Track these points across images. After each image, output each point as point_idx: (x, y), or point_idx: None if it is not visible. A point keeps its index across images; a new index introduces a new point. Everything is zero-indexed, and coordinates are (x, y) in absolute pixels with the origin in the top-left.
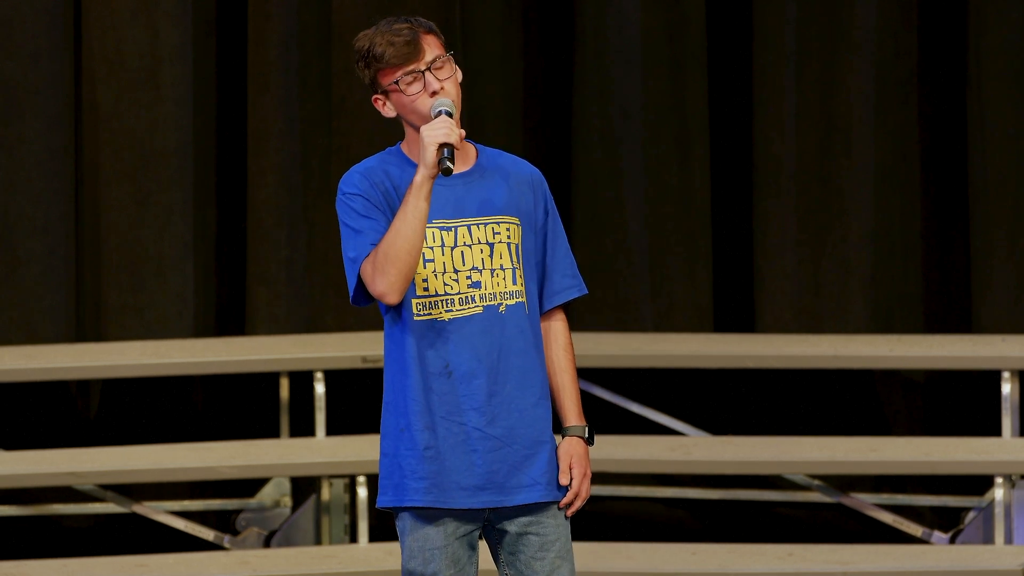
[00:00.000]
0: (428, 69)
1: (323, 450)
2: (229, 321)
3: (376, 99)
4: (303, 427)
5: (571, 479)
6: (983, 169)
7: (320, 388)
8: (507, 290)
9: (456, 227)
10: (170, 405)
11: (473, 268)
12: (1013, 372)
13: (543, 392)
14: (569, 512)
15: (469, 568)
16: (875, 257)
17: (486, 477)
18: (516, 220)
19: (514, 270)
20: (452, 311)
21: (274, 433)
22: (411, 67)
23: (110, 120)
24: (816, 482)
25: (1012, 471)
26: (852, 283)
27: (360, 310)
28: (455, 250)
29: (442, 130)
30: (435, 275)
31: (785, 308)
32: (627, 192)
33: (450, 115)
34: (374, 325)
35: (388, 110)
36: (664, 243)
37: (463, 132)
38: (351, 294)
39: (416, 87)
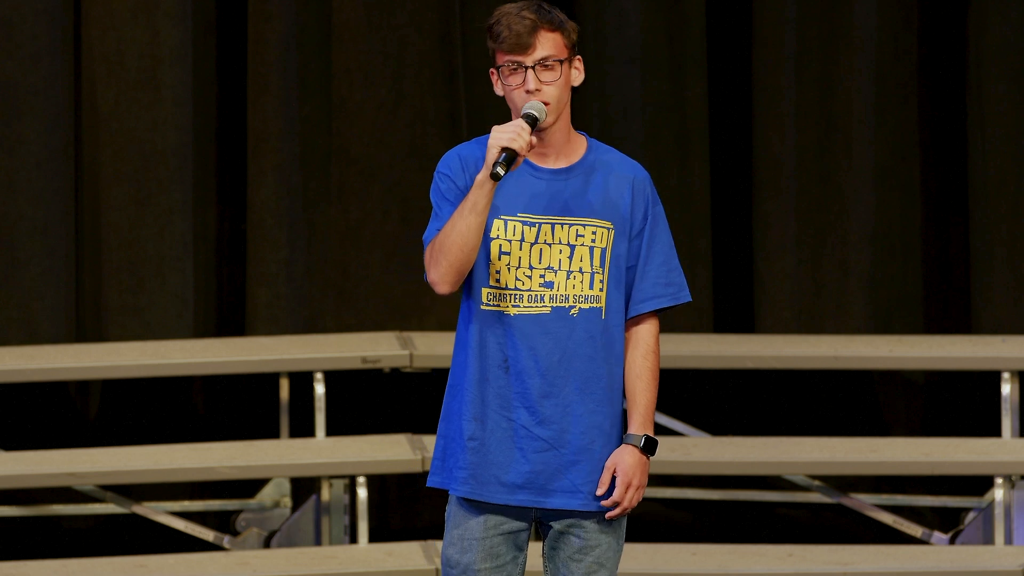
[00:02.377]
0: (532, 67)
1: (323, 451)
2: (229, 321)
3: (492, 72)
4: (303, 427)
5: (613, 487)
6: (983, 169)
7: (320, 388)
8: (582, 294)
9: (540, 223)
10: (170, 405)
11: (548, 268)
12: (1013, 372)
13: (605, 401)
14: (608, 515)
15: (512, 568)
16: (875, 257)
17: (527, 477)
18: (608, 224)
19: (594, 275)
20: (519, 307)
21: (274, 434)
22: (516, 58)
23: (110, 120)
24: (816, 482)
25: (1012, 471)
26: (852, 283)
27: (360, 309)
28: (535, 247)
29: (508, 134)
30: (508, 268)
31: (785, 308)
32: None
33: (536, 121)
34: (374, 325)
35: (498, 88)
36: None
37: (534, 140)
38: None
39: (516, 79)
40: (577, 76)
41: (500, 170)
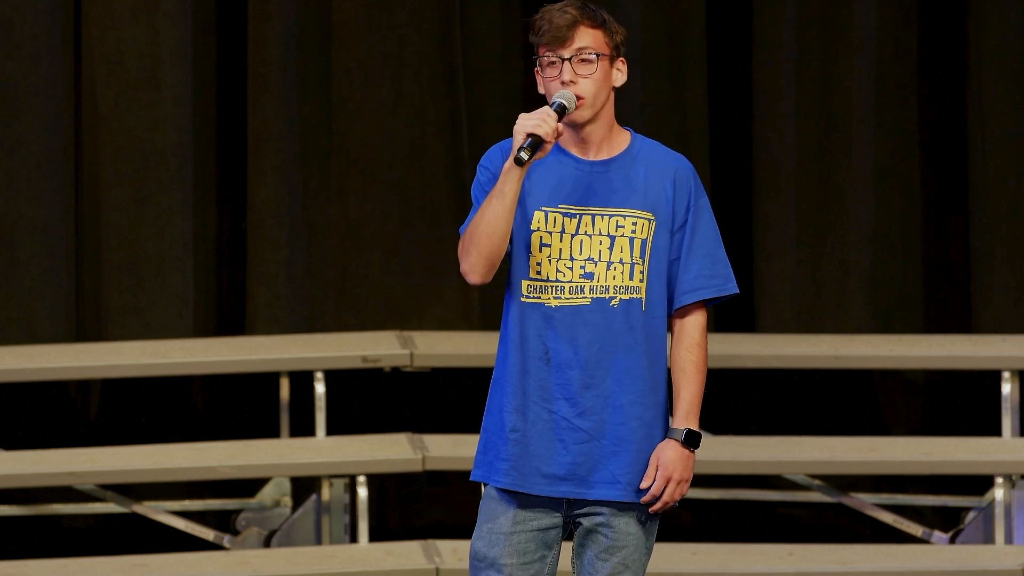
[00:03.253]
0: (569, 59)
1: (323, 450)
2: (229, 321)
3: (536, 71)
4: (303, 427)
5: (654, 481)
6: (983, 169)
7: (320, 388)
8: (622, 285)
9: (581, 215)
10: (170, 405)
11: (588, 259)
12: (1013, 372)
13: (647, 391)
14: (651, 510)
15: (540, 566)
16: (875, 257)
17: (569, 468)
18: (650, 215)
19: (634, 266)
20: (560, 298)
21: (274, 433)
22: (554, 50)
23: (110, 120)
24: (816, 482)
25: (1012, 471)
26: (852, 283)
27: (360, 309)
28: (575, 238)
29: (534, 121)
30: (549, 260)
31: (785, 308)
32: None
33: (564, 110)
34: (374, 325)
35: (541, 86)
36: None
37: (560, 128)
38: None
39: (552, 72)
40: (619, 77)
41: (524, 155)
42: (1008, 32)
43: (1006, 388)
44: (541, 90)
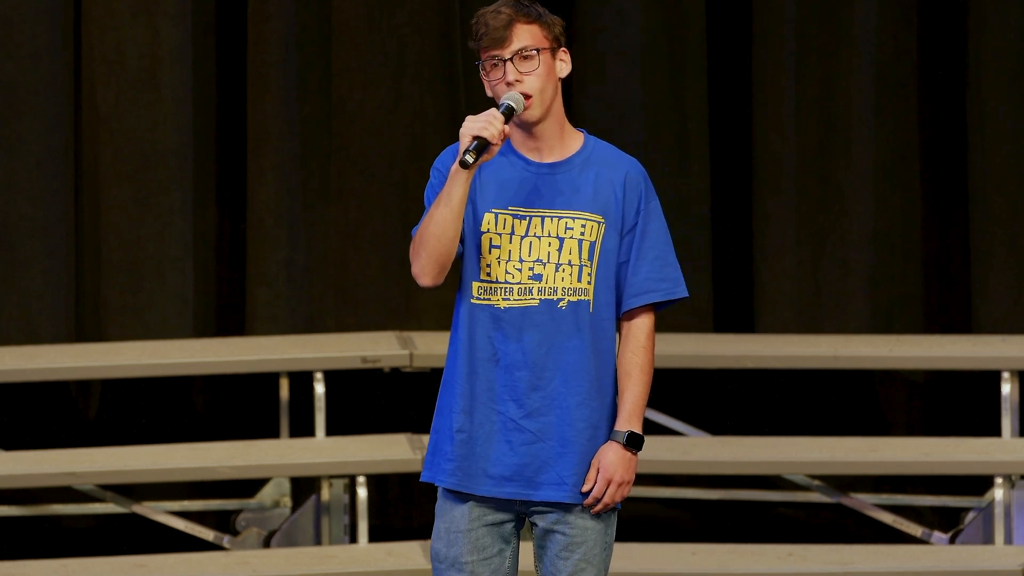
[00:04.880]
0: (511, 59)
1: (323, 450)
2: (229, 321)
3: (483, 76)
4: (303, 427)
5: (594, 484)
6: (983, 169)
7: (320, 388)
8: (571, 287)
9: (530, 216)
10: (170, 405)
11: (537, 260)
12: (1013, 372)
13: (593, 393)
14: (592, 511)
15: (499, 560)
16: (875, 257)
17: (515, 469)
18: (599, 218)
19: (582, 268)
20: (509, 300)
21: (274, 433)
22: (495, 52)
23: (110, 120)
24: (816, 482)
25: (1012, 471)
26: (852, 283)
27: (360, 309)
28: (524, 240)
29: (479, 123)
30: (498, 262)
31: (785, 308)
32: None
33: (511, 111)
34: (374, 325)
35: (488, 88)
36: None
37: (507, 130)
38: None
39: (496, 74)
40: (563, 68)
41: (469, 158)
42: (1008, 32)
43: (1006, 388)
44: (489, 93)
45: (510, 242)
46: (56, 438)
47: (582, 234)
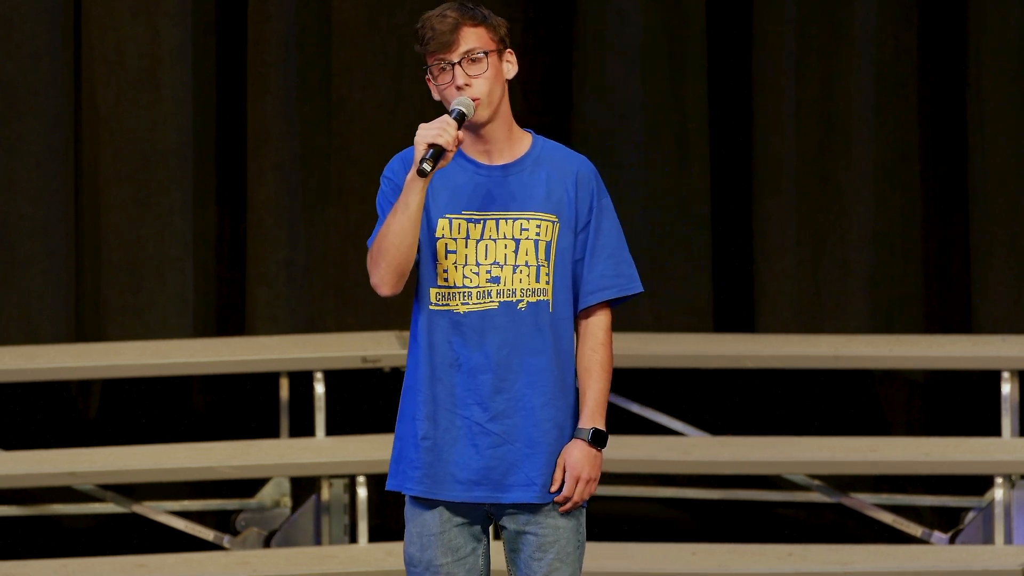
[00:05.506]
0: (459, 62)
1: (323, 450)
2: (229, 321)
3: (427, 79)
4: (303, 427)
5: (563, 483)
6: (983, 169)
7: (320, 388)
8: (529, 287)
9: (485, 220)
10: (170, 405)
11: (494, 263)
12: (1013, 372)
13: (557, 393)
14: (561, 510)
15: (472, 559)
16: (875, 257)
17: (482, 472)
18: (553, 217)
19: (539, 268)
20: (468, 304)
21: (274, 433)
22: (442, 56)
23: (110, 120)
24: (816, 482)
25: (1012, 471)
26: (852, 283)
27: (360, 309)
28: (480, 243)
29: (433, 131)
30: (455, 267)
31: (785, 308)
32: (627, 192)
33: (463, 117)
34: (374, 325)
35: (435, 92)
36: (664, 243)
37: (461, 136)
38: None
39: (445, 78)
40: (510, 69)
41: (427, 166)
42: (1008, 32)
43: (1006, 388)
44: (436, 97)
45: (466, 246)
46: (56, 438)
47: (537, 234)
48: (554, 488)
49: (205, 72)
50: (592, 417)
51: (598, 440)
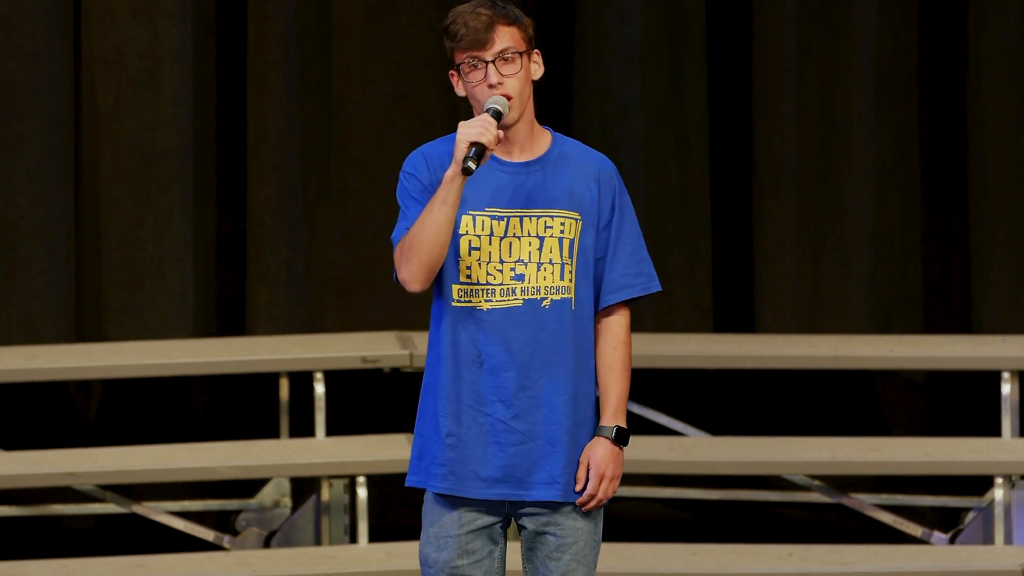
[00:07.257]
0: (493, 61)
1: (323, 450)
2: (229, 321)
3: (452, 74)
4: (303, 427)
5: (587, 480)
6: (983, 169)
7: (320, 388)
8: (553, 285)
9: (509, 217)
10: (170, 405)
11: (519, 260)
12: (1013, 372)
13: (580, 391)
14: (584, 508)
15: (489, 562)
16: (875, 257)
17: (505, 470)
18: (576, 215)
19: (563, 265)
20: (492, 301)
21: (274, 433)
22: (476, 54)
23: (110, 120)
24: (816, 482)
25: (1012, 471)
26: (852, 283)
27: (360, 309)
28: (504, 240)
29: (476, 129)
30: (479, 264)
31: (785, 308)
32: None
33: (500, 115)
34: (374, 325)
35: (459, 88)
36: (664, 243)
37: (501, 134)
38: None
39: (477, 75)
40: (537, 70)
41: (472, 164)
42: (1008, 32)
43: (1006, 388)
44: (461, 93)
45: (490, 243)
46: (56, 438)
47: (562, 232)
48: (579, 487)
49: (205, 72)
50: (615, 415)
51: (621, 438)
